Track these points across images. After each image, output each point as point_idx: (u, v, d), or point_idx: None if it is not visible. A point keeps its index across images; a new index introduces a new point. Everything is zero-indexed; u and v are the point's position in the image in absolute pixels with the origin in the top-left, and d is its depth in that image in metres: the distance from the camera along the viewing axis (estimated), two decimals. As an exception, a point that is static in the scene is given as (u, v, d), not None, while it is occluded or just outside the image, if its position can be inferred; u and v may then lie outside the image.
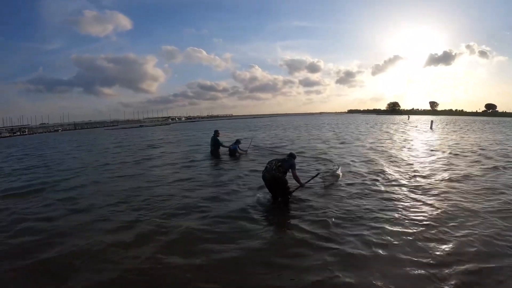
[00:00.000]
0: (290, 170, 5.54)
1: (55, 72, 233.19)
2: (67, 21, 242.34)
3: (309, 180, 6.10)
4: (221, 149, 11.74)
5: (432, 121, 32.50)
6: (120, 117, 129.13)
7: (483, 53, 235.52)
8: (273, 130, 30.56)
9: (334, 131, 26.61)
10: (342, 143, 15.99)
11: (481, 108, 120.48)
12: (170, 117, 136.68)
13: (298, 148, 13.65)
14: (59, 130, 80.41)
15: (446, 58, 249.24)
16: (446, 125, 35.59)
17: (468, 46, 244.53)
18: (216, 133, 11.88)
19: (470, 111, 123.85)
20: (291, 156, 5.88)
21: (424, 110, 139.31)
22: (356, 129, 28.25)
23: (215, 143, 11.70)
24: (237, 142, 11.69)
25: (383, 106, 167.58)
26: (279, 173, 5.42)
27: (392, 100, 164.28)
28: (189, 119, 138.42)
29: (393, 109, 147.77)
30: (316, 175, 6.33)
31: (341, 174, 7.27)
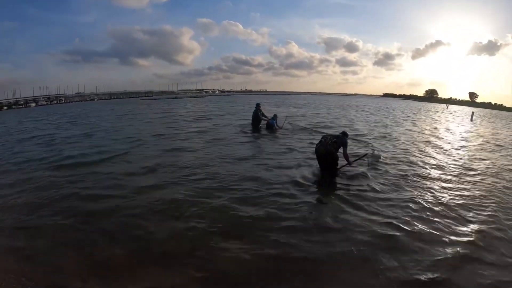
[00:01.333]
0: (342, 147, 5.94)
1: (91, 44, 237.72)
2: None
3: (357, 160, 6.44)
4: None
5: (472, 113, 30.79)
6: (155, 88, 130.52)
7: None
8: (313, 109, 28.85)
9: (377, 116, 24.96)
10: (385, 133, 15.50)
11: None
12: (204, 89, 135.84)
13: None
14: (95, 99, 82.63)
15: (490, 47, 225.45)
16: (489, 118, 33.39)
17: None
18: (258, 106, 12.46)
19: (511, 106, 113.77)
20: (344, 134, 6.27)
21: (462, 100, 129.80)
22: (399, 116, 25.33)
23: (256, 116, 12.32)
24: (275, 117, 12.20)
25: (420, 93, 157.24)
26: (333, 148, 5.85)
27: (430, 87, 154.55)
28: (223, 92, 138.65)
29: (431, 96, 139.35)
30: (364, 155, 6.68)
31: (382, 155, 7.55)
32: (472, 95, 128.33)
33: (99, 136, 11.46)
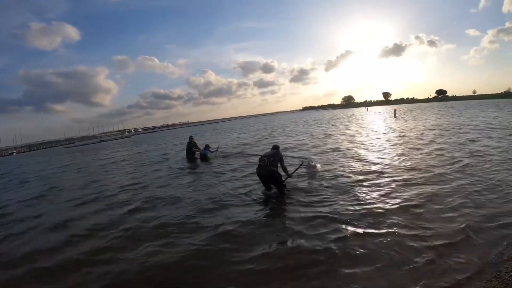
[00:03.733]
0: (279, 162, 5.82)
1: (2, 91, 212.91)
2: (12, 35, 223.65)
3: (295, 170, 6.40)
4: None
5: (395, 110, 35.67)
6: (75, 134, 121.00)
7: (432, 43, 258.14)
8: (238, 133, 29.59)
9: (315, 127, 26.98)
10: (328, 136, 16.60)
11: (432, 94, 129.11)
12: (126, 129, 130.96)
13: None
14: (14, 153, 73.84)
15: (396, 50, 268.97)
16: (404, 113, 38.20)
17: (417, 37, 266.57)
18: (191, 138, 12.61)
19: (421, 98, 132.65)
20: (276, 148, 6.19)
21: (377, 101, 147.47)
22: (334, 125, 26.77)
23: (190, 149, 12.31)
24: (207, 146, 12.23)
25: (337, 101, 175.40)
26: (273, 167, 5.69)
27: (346, 94, 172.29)
28: (146, 130, 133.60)
29: (348, 102, 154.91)
30: (300, 165, 6.64)
31: (319, 165, 7.71)
32: (386, 94, 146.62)
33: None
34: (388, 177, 6.34)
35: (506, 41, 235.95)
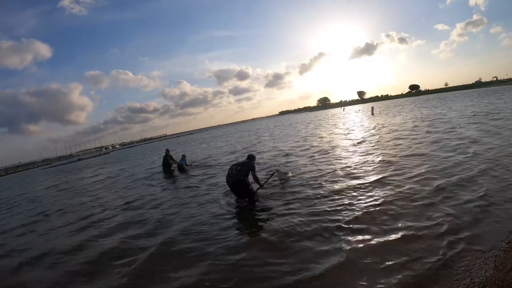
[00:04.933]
0: (250, 171, 5.99)
1: None
2: None
3: (267, 180, 6.62)
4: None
5: (372, 108, 36.91)
6: (51, 154, 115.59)
7: (402, 40, 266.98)
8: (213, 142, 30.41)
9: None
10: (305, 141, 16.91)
11: (406, 90, 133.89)
12: (103, 146, 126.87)
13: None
14: None
15: (368, 49, 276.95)
16: (381, 109, 39.73)
17: (387, 35, 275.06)
18: (167, 151, 12.90)
19: (395, 94, 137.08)
20: (250, 158, 6.34)
21: (352, 100, 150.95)
22: (315, 128, 26.36)
23: (166, 161, 12.50)
24: (183, 157, 12.56)
25: (313, 103, 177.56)
26: (240, 176, 5.86)
27: (321, 96, 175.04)
28: (124, 145, 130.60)
29: (324, 104, 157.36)
30: (272, 174, 6.82)
31: (291, 173, 7.73)
32: (361, 93, 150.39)
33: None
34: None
35: (474, 33, 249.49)
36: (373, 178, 6.32)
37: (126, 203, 7.97)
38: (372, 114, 31.16)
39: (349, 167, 7.76)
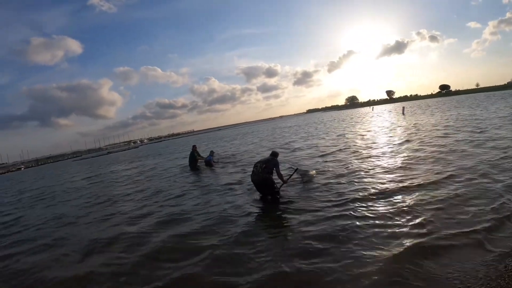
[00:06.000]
0: (275, 169, 5.94)
1: (7, 108, 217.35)
2: (13, 52, 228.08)
3: (290, 177, 6.52)
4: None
5: (403, 107, 36.60)
6: (81, 147, 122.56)
7: (433, 38, 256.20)
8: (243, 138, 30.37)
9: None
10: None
11: (436, 90, 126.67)
12: (132, 140, 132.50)
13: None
14: (22, 168, 75.69)
15: (398, 47, 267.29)
16: (411, 109, 38.35)
17: (418, 33, 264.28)
18: (194, 147, 13.14)
19: (425, 94, 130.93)
20: (274, 154, 6.28)
21: (381, 99, 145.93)
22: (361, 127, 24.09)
23: (193, 157, 12.69)
24: (211, 153, 12.88)
25: (341, 102, 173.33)
26: (265, 174, 5.83)
27: (349, 95, 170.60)
28: (152, 140, 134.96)
29: (352, 102, 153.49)
30: (295, 171, 6.73)
31: (314, 172, 7.53)
32: (390, 92, 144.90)
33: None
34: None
35: (508, 31, 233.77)
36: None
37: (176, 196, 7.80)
38: (403, 114, 30.55)
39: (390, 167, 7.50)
